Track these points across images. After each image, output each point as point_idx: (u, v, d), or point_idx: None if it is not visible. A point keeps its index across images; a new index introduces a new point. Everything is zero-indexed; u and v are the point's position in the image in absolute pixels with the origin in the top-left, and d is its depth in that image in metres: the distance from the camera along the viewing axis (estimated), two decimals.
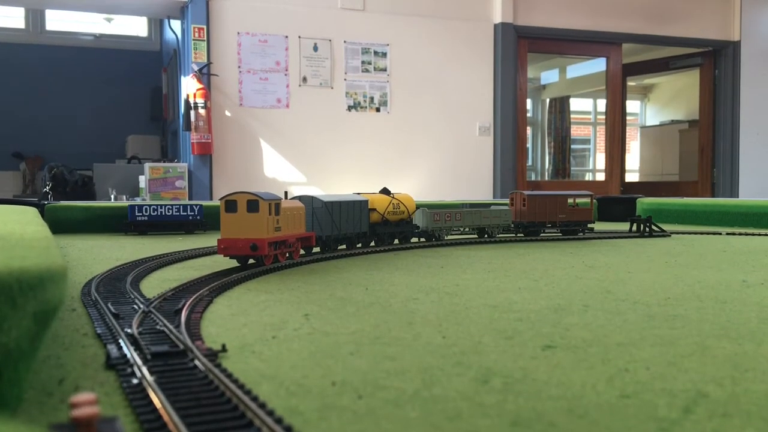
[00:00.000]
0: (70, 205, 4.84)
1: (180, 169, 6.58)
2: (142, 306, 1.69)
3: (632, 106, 10.99)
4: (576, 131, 10.93)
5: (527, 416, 0.89)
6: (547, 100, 10.84)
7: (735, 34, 8.24)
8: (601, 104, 9.19)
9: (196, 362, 1.18)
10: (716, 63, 8.40)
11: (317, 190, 6.59)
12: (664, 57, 8.92)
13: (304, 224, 2.78)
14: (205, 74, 6.44)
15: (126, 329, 1.48)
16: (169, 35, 8.40)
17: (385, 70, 7.07)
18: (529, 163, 10.37)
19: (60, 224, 4.58)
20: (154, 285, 2.21)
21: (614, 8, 7.78)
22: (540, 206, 4.05)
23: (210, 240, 3.84)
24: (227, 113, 6.60)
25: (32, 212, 3.22)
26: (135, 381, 1.14)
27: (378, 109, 7.07)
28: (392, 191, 3.48)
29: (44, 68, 9.90)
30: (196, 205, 4.69)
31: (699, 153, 8.62)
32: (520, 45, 7.53)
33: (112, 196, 6.92)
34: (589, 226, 4.22)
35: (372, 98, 7.05)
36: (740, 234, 4.41)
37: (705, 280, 2.28)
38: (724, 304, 1.79)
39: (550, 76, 10.81)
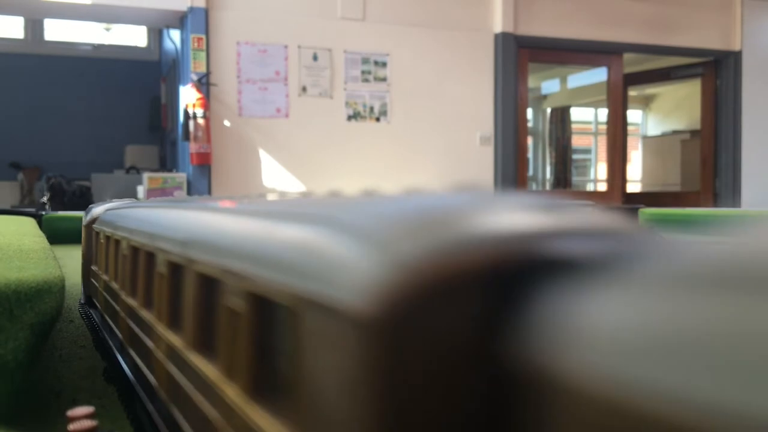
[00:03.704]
0: (68, 215, 4.80)
1: (179, 179, 6.56)
2: None
3: (633, 115, 10.99)
4: (577, 141, 10.92)
5: None
6: (548, 110, 10.85)
7: (736, 44, 8.24)
8: (602, 114, 9.19)
9: None
10: (718, 73, 8.40)
11: None
12: (665, 67, 8.92)
13: None
14: (204, 84, 6.42)
15: None
16: (168, 45, 8.39)
17: (385, 79, 7.06)
18: (530, 173, 10.35)
19: (58, 235, 4.55)
20: None
21: (615, 18, 7.77)
22: None
23: None
24: (226, 123, 6.58)
25: (30, 223, 3.19)
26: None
27: (378, 119, 7.05)
28: None
29: (42, 78, 9.90)
30: None
31: (701, 163, 8.61)
32: (521, 55, 7.52)
33: None
34: None
35: (372, 108, 7.03)
36: None
37: None
38: None
39: (550, 86, 10.82)
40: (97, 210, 1.86)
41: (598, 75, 8.63)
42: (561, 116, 10.50)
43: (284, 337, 0.51)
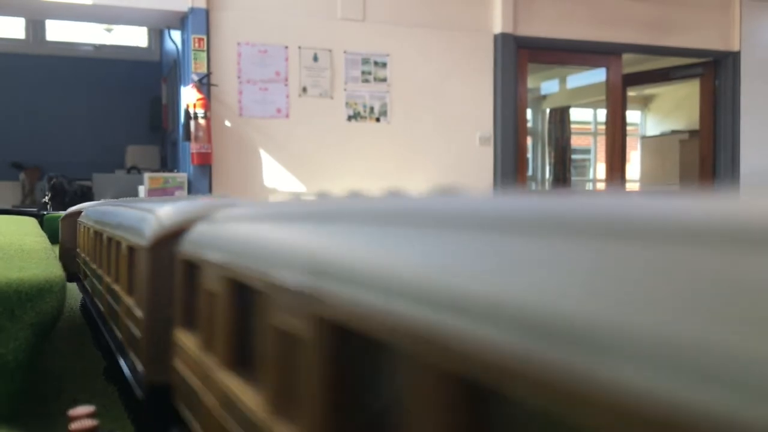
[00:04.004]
0: None
1: (179, 179, 6.58)
2: None
3: (632, 116, 10.99)
4: (576, 141, 10.93)
5: None
6: (548, 110, 10.85)
7: (735, 45, 8.24)
8: (602, 114, 9.19)
9: None
10: (717, 73, 8.41)
11: None
12: (664, 67, 8.93)
13: None
14: (204, 84, 6.44)
15: None
16: (169, 45, 8.40)
17: (385, 80, 7.07)
18: (530, 172, 10.37)
19: (59, 234, 4.56)
20: None
21: (614, 19, 7.79)
22: None
23: None
24: (227, 123, 6.60)
25: (31, 222, 3.21)
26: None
27: (378, 119, 7.06)
28: None
29: (44, 78, 9.91)
30: None
31: (700, 163, 8.62)
32: (520, 55, 7.53)
33: None
34: None
35: (372, 108, 7.04)
36: None
37: None
38: None
39: (550, 86, 10.82)
40: (74, 209, 3.06)
41: (597, 75, 8.64)
42: (560, 116, 10.51)
43: (134, 263, 1.19)
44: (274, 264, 0.60)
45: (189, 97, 6.39)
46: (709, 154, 8.50)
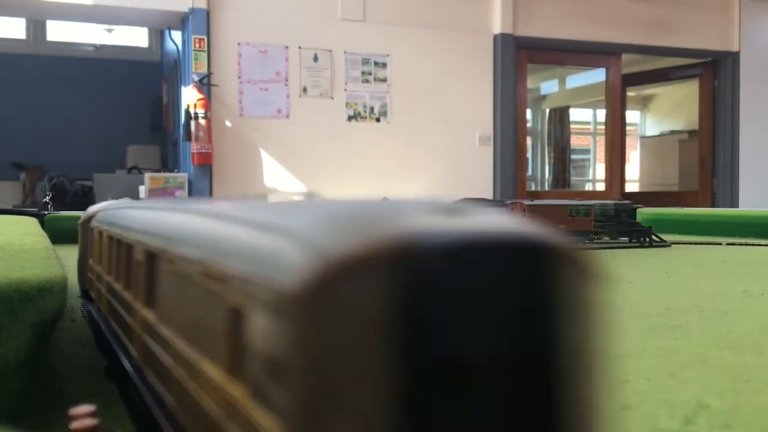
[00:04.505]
0: (71, 215, 4.82)
1: (180, 179, 6.59)
2: None
3: (632, 116, 11.00)
4: (576, 141, 10.94)
5: None
6: (547, 110, 10.86)
7: (734, 45, 8.26)
8: (601, 114, 9.21)
9: None
10: (716, 73, 8.42)
11: None
12: (663, 67, 8.94)
13: None
14: (205, 84, 6.45)
15: None
16: (169, 46, 8.42)
17: (385, 80, 7.09)
18: (529, 173, 10.37)
19: (60, 234, 4.57)
20: None
21: (614, 19, 7.80)
22: (540, 216, 4.04)
23: None
24: (227, 123, 6.61)
25: (32, 222, 3.22)
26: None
27: (378, 119, 7.08)
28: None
29: (44, 78, 9.93)
30: None
31: (699, 163, 8.63)
32: (520, 55, 7.54)
33: None
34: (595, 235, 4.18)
35: (372, 108, 7.06)
36: (740, 244, 4.39)
37: (705, 290, 2.26)
38: (725, 315, 1.77)
39: (549, 87, 10.84)
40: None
41: (596, 75, 8.66)
42: (560, 116, 10.52)
43: (81, 232, 1.82)
44: (103, 223, 1.34)
45: (189, 97, 6.40)
46: (708, 154, 8.51)
